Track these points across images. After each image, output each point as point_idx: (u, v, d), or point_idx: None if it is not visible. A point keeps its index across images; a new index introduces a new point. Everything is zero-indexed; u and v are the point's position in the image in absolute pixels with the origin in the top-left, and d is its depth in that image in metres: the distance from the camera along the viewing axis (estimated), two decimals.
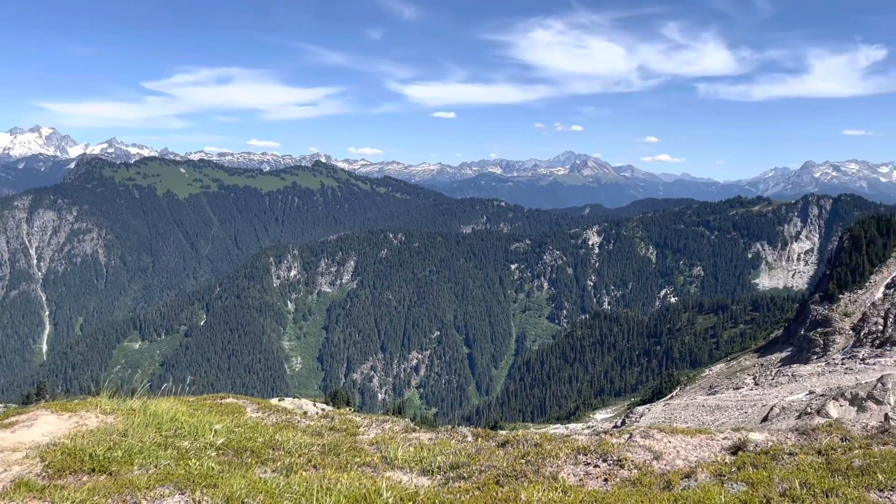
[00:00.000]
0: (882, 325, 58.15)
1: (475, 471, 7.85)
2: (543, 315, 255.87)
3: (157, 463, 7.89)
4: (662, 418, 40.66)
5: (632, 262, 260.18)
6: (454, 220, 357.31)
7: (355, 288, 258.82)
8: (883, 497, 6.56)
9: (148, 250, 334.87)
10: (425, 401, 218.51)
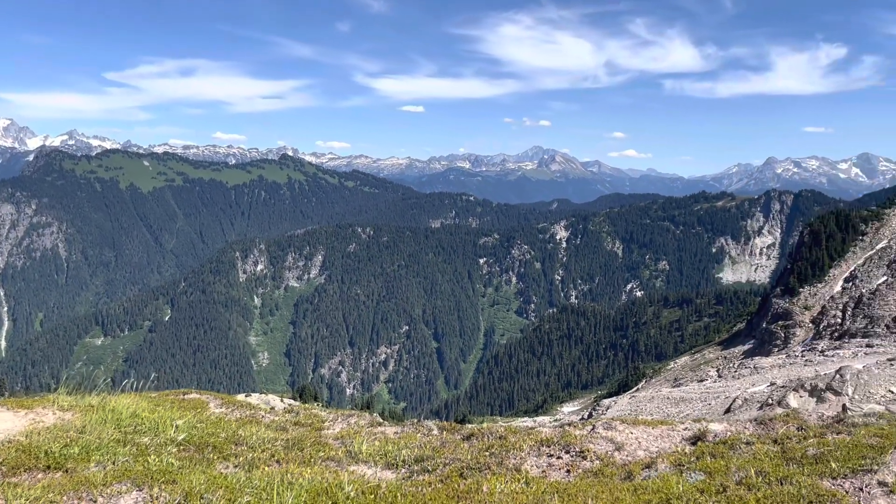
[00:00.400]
0: (840, 318, 59.67)
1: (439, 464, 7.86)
2: (511, 309, 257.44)
3: (115, 459, 7.76)
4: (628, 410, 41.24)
5: (598, 257, 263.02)
6: (423, 214, 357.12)
7: (323, 282, 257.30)
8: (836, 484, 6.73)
9: (110, 245, 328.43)
10: (394, 395, 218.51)
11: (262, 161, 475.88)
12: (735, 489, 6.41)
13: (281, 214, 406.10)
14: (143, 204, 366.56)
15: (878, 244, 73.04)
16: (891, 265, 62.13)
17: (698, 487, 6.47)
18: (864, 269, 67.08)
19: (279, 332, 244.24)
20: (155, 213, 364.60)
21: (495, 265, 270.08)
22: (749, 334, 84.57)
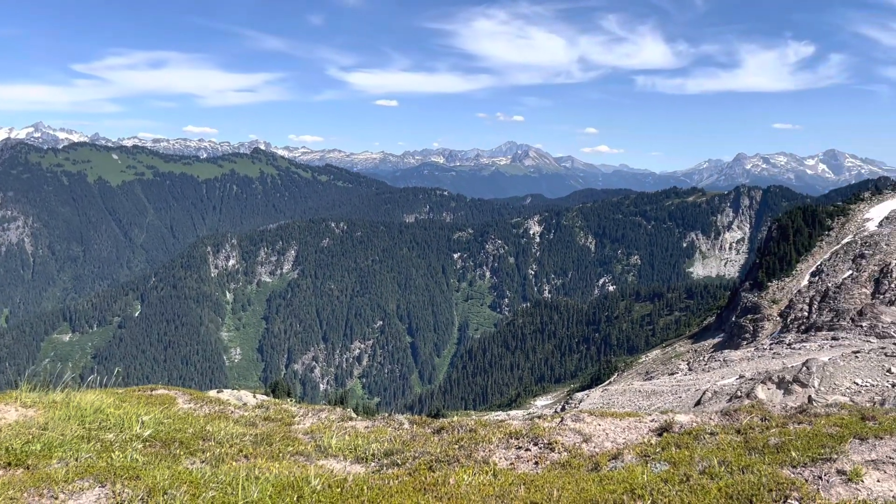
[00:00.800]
0: (807, 312, 60.84)
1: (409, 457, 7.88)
2: (485, 304, 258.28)
3: (78, 456, 7.65)
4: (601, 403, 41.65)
5: (571, 252, 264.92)
6: (397, 209, 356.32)
7: (296, 277, 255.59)
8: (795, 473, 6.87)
9: (78, 239, 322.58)
10: (368, 390, 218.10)
11: (233, 155, 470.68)
12: (698, 478, 6.53)
13: (253, 209, 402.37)
14: (112, 198, 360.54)
15: (843, 239, 74.54)
16: (856, 260, 63.47)
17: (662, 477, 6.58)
18: (829, 264, 68.43)
19: (251, 328, 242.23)
20: (124, 208, 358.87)
21: (469, 260, 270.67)
22: (719, 328, 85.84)
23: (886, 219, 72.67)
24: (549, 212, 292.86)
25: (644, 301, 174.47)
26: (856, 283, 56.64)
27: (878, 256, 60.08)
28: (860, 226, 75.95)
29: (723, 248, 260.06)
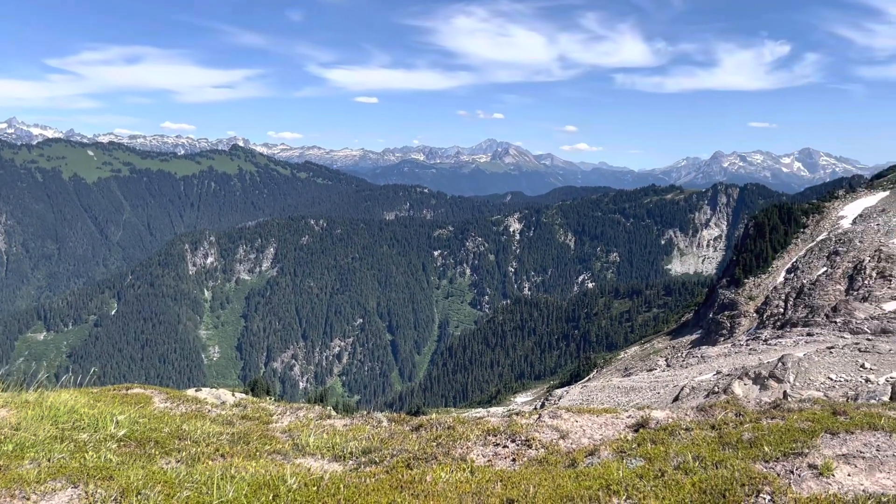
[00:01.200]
0: (783, 308, 61.65)
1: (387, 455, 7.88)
2: (466, 301, 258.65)
3: (51, 456, 7.55)
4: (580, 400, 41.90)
5: (551, 249, 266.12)
6: (377, 206, 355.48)
7: (275, 275, 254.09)
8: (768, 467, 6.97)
9: (53, 237, 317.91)
10: (348, 388, 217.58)
11: (212, 152, 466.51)
12: (673, 474, 6.60)
13: (232, 206, 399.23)
14: (88, 195, 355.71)
15: (818, 236, 75.59)
16: (830, 256, 64.41)
17: (637, 473, 6.64)
18: (805, 261, 69.36)
19: (230, 326, 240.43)
20: (100, 205, 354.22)
21: (450, 257, 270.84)
22: (696, 324, 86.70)
23: (860, 216, 73.85)
24: (528, 209, 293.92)
25: (623, 298, 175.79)
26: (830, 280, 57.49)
27: (851, 253, 61.03)
28: (835, 223, 77.07)
29: (700, 246, 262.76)
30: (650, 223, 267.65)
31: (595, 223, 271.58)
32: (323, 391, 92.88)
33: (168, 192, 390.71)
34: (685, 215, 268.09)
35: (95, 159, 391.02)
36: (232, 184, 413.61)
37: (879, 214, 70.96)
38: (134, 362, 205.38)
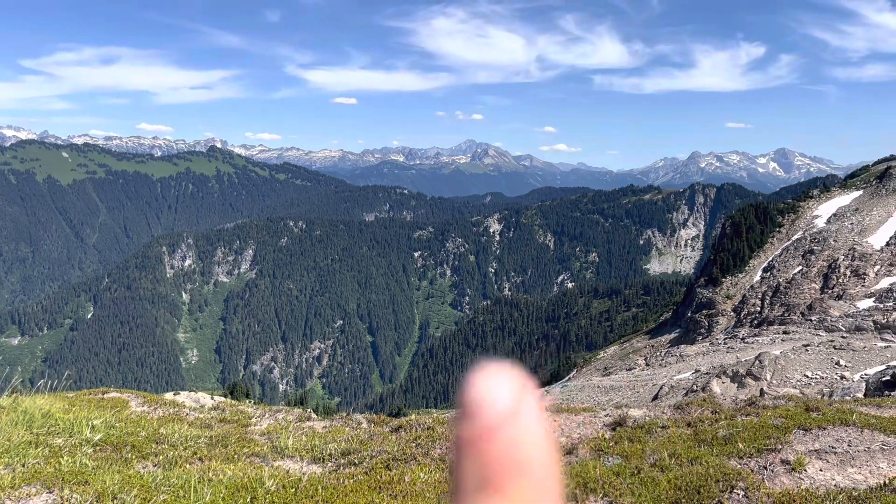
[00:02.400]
0: (760, 307, 62.44)
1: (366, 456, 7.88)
2: (446, 302, 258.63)
3: (25, 461, 7.47)
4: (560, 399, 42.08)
5: (531, 249, 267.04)
6: (357, 207, 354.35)
7: (254, 277, 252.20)
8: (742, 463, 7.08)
9: (27, 240, 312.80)
10: (328, 390, 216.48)
11: (189, 153, 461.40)
12: (649, 471, 6.68)
13: (209, 208, 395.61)
14: (63, 197, 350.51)
15: (794, 235, 76.60)
16: (805, 255, 65.33)
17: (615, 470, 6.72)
18: (781, 260, 70.26)
19: (209, 329, 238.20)
20: (75, 207, 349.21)
21: (430, 258, 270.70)
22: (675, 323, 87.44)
23: (834, 215, 75.01)
24: (508, 210, 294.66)
25: (602, 298, 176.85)
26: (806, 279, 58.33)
27: (826, 252, 61.97)
28: (809, 222, 78.19)
29: (678, 245, 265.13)
30: (629, 223, 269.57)
31: (574, 223, 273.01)
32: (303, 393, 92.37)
33: (145, 194, 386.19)
34: (663, 215, 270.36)
35: (70, 161, 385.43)
36: (209, 185, 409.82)
37: (853, 214, 72.15)
38: (111, 366, 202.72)
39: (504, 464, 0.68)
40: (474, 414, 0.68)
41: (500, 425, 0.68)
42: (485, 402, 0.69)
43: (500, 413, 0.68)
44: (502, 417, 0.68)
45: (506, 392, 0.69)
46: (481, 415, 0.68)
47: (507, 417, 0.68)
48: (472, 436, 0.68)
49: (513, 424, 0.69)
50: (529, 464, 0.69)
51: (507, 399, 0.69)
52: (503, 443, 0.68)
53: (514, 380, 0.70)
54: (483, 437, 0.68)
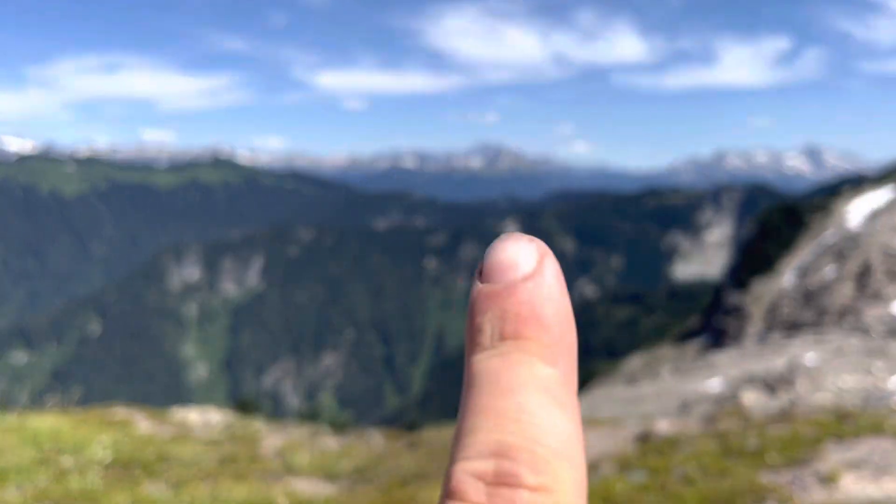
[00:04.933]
0: (790, 311, 61.69)
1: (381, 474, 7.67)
2: (462, 310, 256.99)
3: (35, 481, 7.38)
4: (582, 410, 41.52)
5: None
6: (367, 214, 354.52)
7: (263, 288, 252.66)
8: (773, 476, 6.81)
9: (33, 254, 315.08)
10: (341, 404, 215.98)
11: (195, 161, 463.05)
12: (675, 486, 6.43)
13: (216, 218, 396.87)
14: (68, 210, 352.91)
15: (825, 236, 75.45)
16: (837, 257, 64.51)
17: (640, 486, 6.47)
18: (811, 262, 69.34)
19: (217, 342, 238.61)
20: (81, 220, 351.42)
21: (444, 266, 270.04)
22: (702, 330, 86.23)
23: (867, 215, 74.13)
24: (524, 214, 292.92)
25: (624, 304, 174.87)
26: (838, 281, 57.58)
27: (859, 253, 61.21)
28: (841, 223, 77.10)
29: (704, 249, 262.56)
30: (651, 226, 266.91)
31: (594, 227, 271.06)
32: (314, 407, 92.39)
33: (150, 205, 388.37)
34: (687, 217, 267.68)
35: (75, 173, 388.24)
36: (216, 195, 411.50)
37: (887, 213, 71.49)
38: (119, 381, 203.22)
39: (524, 317, 0.71)
40: (497, 272, 0.71)
41: (521, 282, 0.71)
42: (508, 261, 0.72)
43: (523, 272, 0.71)
44: (524, 276, 0.72)
45: (528, 254, 0.72)
46: (504, 273, 0.71)
47: (528, 276, 0.72)
48: (493, 291, 0.71)
49: (534, 283, 0.72)
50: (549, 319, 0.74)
51: (530, 260, 0.72)
52: (524, 298, 0.71)
53: (537, 244, 0.74)
54: (504, 293, 0.71)
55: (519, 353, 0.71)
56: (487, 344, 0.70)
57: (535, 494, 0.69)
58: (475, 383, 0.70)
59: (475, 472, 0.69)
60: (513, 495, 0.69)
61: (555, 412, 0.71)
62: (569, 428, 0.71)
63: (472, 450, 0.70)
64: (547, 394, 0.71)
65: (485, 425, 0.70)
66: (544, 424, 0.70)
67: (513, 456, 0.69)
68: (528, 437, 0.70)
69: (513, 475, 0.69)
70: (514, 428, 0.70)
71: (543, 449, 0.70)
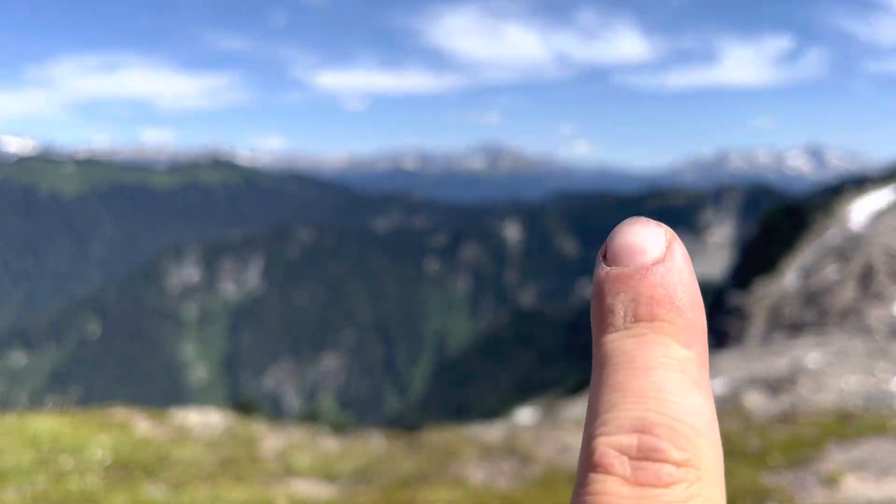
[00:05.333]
0: (793, 312, 61.74)
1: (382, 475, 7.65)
2: (462, 312, 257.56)
3: (34, 483, 7.39)
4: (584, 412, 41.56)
5: (551, 255, 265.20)
6: (368, 215, 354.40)
7: (263, 289, 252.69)
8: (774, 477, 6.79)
9: (32, 254, 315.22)
10: (341, 405, 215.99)
11: (194, 162, 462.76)
12: None
13: (216, 218, 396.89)
14: (67, 210, 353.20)
15: (827, 237, 75.45)
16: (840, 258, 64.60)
17: None
18: (814, 262, 69.34)
19: (217, 343, 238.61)
20: (80, 221, 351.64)
21: (445, 266, 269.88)
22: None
23: (870, 215, 74.22)
24: (526, 214, 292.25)
25: None
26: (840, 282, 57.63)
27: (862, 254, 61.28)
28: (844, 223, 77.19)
29: (706, 249, 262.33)
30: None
31: (596, 227, 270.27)
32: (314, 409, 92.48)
33: (150, 206, 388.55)
34: (689, 218, 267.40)
35: (74, 174, 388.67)
36: (216, 195, 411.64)
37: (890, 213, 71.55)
38: (118, 382, 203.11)
39: (658, 299, 0.72)
40: (626, 255, 0.74)
41: (653, 266, 0.73)
42: (637, 245, 0.74)
43: (653, 256, 0.73)
44: (655, 259, 0.73)
45: (657, 238, 0.74)
46: (633, 256, 0.73)
47: (659, 260, 0.73)
48: (624, 274, 0.73)
49: (665, 267, 0.73)
50: (682, 303, 0.72)
51: (660, 244, 0.74)
52: (657, 281, 0.72)
53: (665, 229, 0.76)
54: (637, 276, 0.72)
55: (654, 334, 0.71)
56: (620, 325, 0.71)
57: (681, 470, 0.70)
58: (609, 362, 0.71)
59: (618, 446, 0.70)
60: (658, 469, 0.69)
61: (693, 392, 0.71)
62: (707, 407, 0.71)
63: (613, 426, 0.71)
64: (684, 374, 0.71)
65: (624, 402, 0.71)
66: (684, 403, 0.70)
67: (655, 432, 0.70)
68: (669, 415, 0.70)
69: (657, 450, 0.70)
70: (654, 405, 0.70)
71: (685, 426, 0.70)
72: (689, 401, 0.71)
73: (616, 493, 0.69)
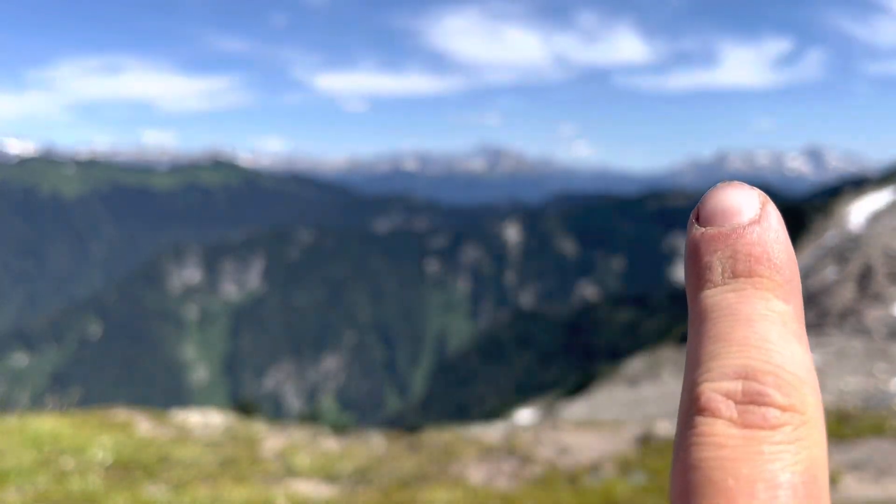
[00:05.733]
0: None
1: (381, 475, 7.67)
2: (463, 313, 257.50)
3: (35, 483, 7.41)
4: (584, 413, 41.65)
5: (551, 257, 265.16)
6: (368, 216, 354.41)
7: (264, 291, 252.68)
8: None
9: (33, 255, 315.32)
10: (341, 406, 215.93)
11: (195, 163, 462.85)
12: None
13: (216, 219, 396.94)
14: (68, 211, 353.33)
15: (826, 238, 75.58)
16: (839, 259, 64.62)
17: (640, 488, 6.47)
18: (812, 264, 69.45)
19: (218, 344, 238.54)
20: (81, 221, 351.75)
21: (445, 268, 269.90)
22: None
23: (869, 216, 74.23)
24: (526, 216, 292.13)
25: (626, 306, 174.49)
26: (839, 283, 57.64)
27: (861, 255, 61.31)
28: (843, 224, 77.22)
29: None
30: (653, 228, 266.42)
31: (596, 229, 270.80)
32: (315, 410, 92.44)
33: (151, 207, 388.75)
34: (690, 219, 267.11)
35: (75, 175, 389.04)
36: (216, 197, 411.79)
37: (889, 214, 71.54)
38: (118, 383, 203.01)
39: (756, 256, 0.74)
40: (721, 216, 0.76)
41: (749, 225, 0.75)
42: (733, 206, 0.76)
43: (749, 216, 0.75)
44: (751, 220, 0.75)
45: (751, 200, 0.76)
46: (729, 217, 0.76)
47: (755, 220, 0.75)
48: (721, 233, 0.75)
49: (761, 227, 0.75)
50: (780, 260, 0.75)
51: (755, 205, 0.76)
52: (754, 240, 0.75)
53: (757, 192, 0.77)
54: (734, 235, 0.75)
55: (754, 289, 0.73)
56: (719, 280, 0.74)
57: (786, 414, 0.72)
58: (709, 315, 0.74)
59: (724, 391, 0.72)
60: (765, 412, 0.72)
61: (794, 343, 0.73)
62: (807, 358, 0.74)
63: (717, 372, 0.73)
64: (785, 327, 0.73)
65: (727, 351, 0.73)
66: (786, 353, 0.73)
67: (760, 379, 0.73)
68: (772, 363, 0.73)
69: (762, 394, 0.72)
70: (757, 354, 0.73)
71: (788, 375, 0.73)
72: (791, 350, 0.73)
73: (724, 434, 0.72)
